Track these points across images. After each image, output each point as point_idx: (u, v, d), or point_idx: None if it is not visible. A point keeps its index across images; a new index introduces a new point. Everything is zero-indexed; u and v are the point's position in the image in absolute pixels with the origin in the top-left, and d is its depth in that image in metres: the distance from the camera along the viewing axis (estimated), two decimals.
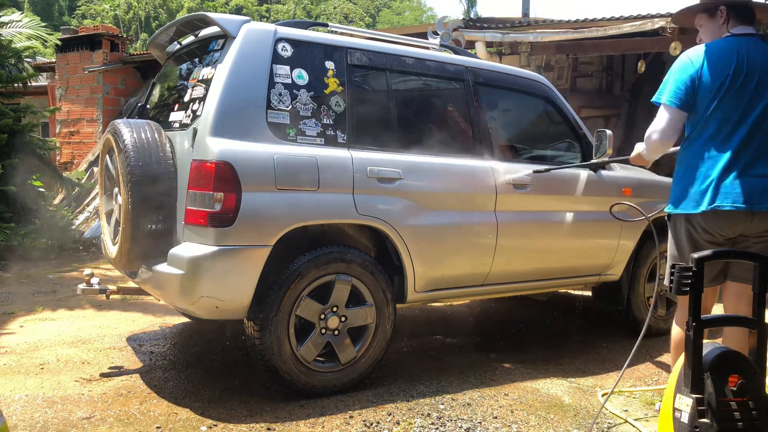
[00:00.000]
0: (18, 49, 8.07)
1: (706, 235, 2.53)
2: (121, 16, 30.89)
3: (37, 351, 3.78)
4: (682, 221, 2.58)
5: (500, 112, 4.05)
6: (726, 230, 2.50)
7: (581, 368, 3.70)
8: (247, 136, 2.90)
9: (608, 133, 3.78)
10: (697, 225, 2.53)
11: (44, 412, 2.89)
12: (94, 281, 3.54)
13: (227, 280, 2.83)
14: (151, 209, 2.98)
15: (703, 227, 2.52)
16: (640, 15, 6.72)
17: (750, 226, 2.47)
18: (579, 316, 5.17)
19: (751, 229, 2.48)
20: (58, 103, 10.80)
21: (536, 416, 2.96)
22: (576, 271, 4.01)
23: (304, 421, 2.81)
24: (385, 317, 3.21)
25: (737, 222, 2.46)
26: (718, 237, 2.52)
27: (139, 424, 2.76)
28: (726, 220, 2.47)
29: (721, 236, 2.52)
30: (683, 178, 2.58)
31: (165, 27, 3.67)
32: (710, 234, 2.52)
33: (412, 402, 3.05)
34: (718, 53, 2.49)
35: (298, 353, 2.99)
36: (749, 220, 2.45)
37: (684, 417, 2.00)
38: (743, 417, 1.97)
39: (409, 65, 3.47)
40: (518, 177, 3.64)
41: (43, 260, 6.99)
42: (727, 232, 2.50)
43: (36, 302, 5.03)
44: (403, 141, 3.35)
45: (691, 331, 2.04)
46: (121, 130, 3.08)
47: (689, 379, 2.01)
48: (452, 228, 3.40)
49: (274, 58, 3.04)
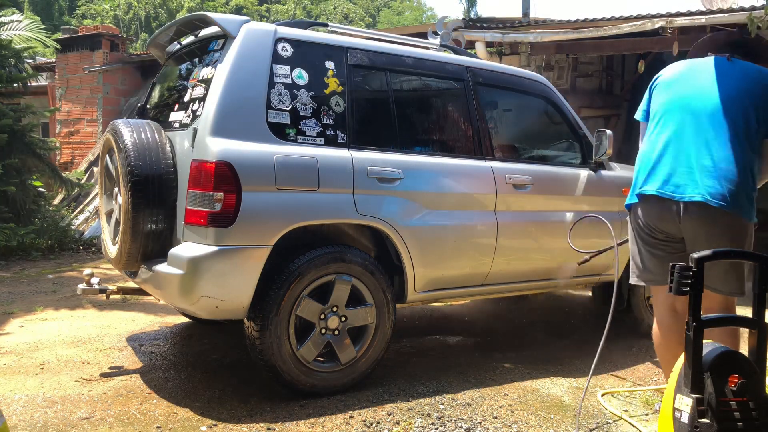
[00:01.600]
0: (18, 49, 8.07)
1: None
2: (121, 16, 30.90)
3: (37, 351, 3.78)
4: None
5: (500, 112, 4.05)
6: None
7: (581, 368, 3.70)
8: (247, 136, 2.90)
9: (608, 133, 3.79)
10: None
11: (44, 412, 2.88)
12: (94, 281, 3.54)
13: (227, 280, 2.83)
14: (151, 209, 2.98)
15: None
16: (640, 15, 6.73)
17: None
18: (579, 316, 5.17)
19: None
20: (58, 103, 10.80)
21: (536, 416, 2.96)
22: (576, 270, 4.01)
23: (304, 421, 2.81)
24: (385, 317, 3.21)
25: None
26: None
27: (139, 424, 2.76)
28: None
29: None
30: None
31: (165, 27, 3.67)
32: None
33: (412, 402, 3.05)
34: (679, 66, 2.71)
35: (298, 353, 2.99)
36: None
37: (684, 417, 2.00)
38: (743, 417, 1.97)
39: (409, 65, 3.47)
40: (518, 177, 3.64)
41: (43, 260, 6.99)
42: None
43: (36, 302, 5.03)
44: (403, 141, 3.36)
45: (691, 331, 2.03)
46: (121, 130, 3.08)
47: (689, 379, 2.01)
48: (452, 228, 3.40)
49: (274, 58, 3.04)
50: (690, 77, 2.64)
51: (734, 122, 2.47)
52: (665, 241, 2.63)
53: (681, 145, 2.54)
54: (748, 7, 5.95)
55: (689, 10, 6.37)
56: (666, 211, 2.55)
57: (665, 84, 2.70)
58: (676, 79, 2.67)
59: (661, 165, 2.57)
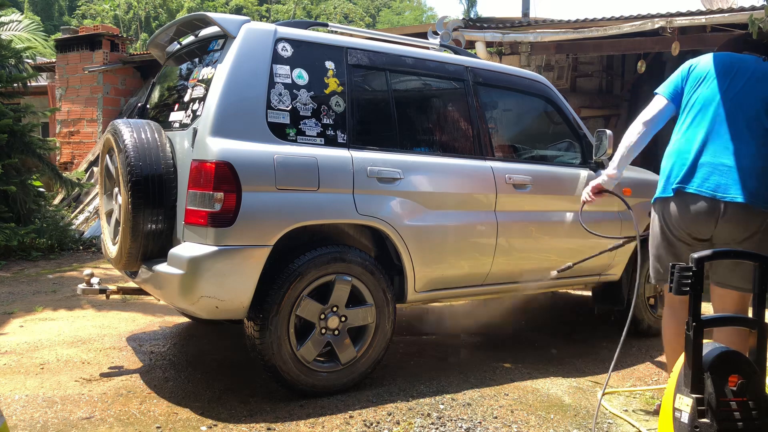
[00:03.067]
0: (18, 49, 8.07)
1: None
2: (121, 16, 30.87)
3: (37, 351, 3.78)
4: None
5: (500, 112, 4.05)
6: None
7: (581, 368, 3.70)
8: (247, 136, 2.90)
9: (608, 133, 3.79)
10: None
11: (44, 412, 2.88)
12: (94, 281, 3.54)
13: (227, 280, 2.82)
14: (151, 209, 2.98)
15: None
16: (640, 15, 6.72)
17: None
18: (578, 316, 5.17)
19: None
20: (58, 103, 10.80)
21: (536, 416, 2.96)
22: (576, 270, 4.01)
23: (304, 421, 2.81)
24: (385, 317, 3.21)
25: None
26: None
27: (139, 424, 2.76)
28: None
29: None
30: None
31: (165, 27, 3.67)
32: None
33: (412, 402, 3.05)
34: (718, 57, 2.70)
35: (298, 353, 2.99)
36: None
37: (684, 417, 2.00)
38: (743, 417, 1.97)
39: (409, 65, 3.47)
40: (518, 177, 3.64)
41: (43, 260, 6.99)
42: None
43: (36, 302, 5.03)
44: (403, 141, 3.35)
45: (691, 331, 2.04)
46: (121, 130, 3.08)
47: (689, 379, 2.01)
48: (452, 228, 3.40)
49: (274, 58, 3.04)
50: (728, 75, 2.62)
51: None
52: (687, 243, 2.62)
53: (720, 143, 2.54)
54: (748, 7, 5.95)
55: (689, 10, 6.37)
56: (703, 210, 2.52)
57: (703, 77, 2.67)
58: (714, 74, 2.64)
59: (700, 162, 2.55)
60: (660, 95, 2.80)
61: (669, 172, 2.65)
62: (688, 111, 2.68)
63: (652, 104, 2.81)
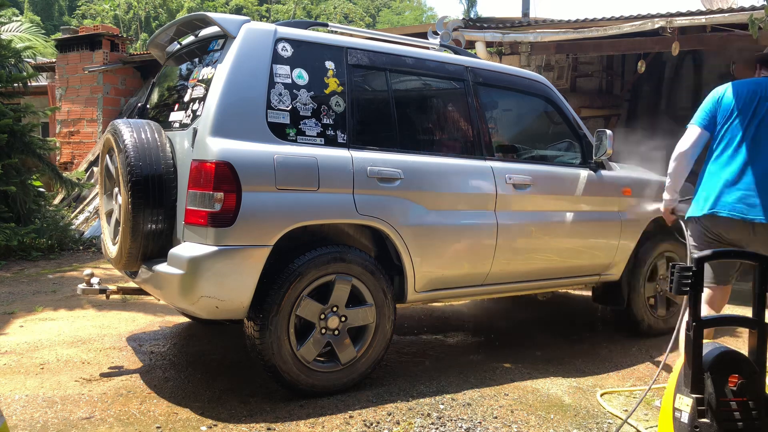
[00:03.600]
0: (18, 49, 8.07)
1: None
2: (121, 16, 30.87)
3: (37, 351, 3.78)
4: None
5: (500, 112, 4.05)
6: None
7: (581, 368, 3.70)
8: (247, 136, 2.90)
9: (608, 133, 3.80)
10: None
11: (44, 412, 2.89)
12: (94, 281, 3.54)
13: (227, 280, 2.83)
14: (151, 209, 2.98)
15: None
16: (640, 15, 6.72)
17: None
18: (579, 316, 5.17)
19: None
20: (58, 103, 10.80)
21: (536, 416, 2.96)
22: (576, 271, 4.01)
23: (304, 421, 2.81)
24: (385, 317, 3.21)
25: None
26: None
27: (139, 424, 2.76)
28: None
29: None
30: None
31: (165, 27, 3.67)
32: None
33: (412, 402, 3.05)
34: (740, 87, 2.98)
35: (298, 353, 2.99)
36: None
37: (684, 417, 2.00)
38: (743, 417, 1.97)
39: (409, 65, 3.47)
40: (518, 177, 3.64)
41: (43, 260, 6.99)
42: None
43: (36, 302, 5.03)
44: (403, 141, 3.35)
45: (691, 331, 2.04)
46: (121, 130, 3.08)
47: (689, 379, 2.01)
48: (452, 228, 3.40)
49: (274, 58, 3.04)
50: (754, 103, 2.91)
51: None
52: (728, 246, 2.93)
53: (752, 170, 2.84)
54: (748, 7, 5.94)
55: (689, 10, 6.36)
56: (738, 225, 2.86)
57: (732, 106, 2.95)
58: (743, 103, 2.92)
59: (735, 187, 2.87)
60: (693, 125, 3.05)
61: (706, 195, 2.95)
62: (721, 138, 2.97)
63: (687, 135, 3.06)
